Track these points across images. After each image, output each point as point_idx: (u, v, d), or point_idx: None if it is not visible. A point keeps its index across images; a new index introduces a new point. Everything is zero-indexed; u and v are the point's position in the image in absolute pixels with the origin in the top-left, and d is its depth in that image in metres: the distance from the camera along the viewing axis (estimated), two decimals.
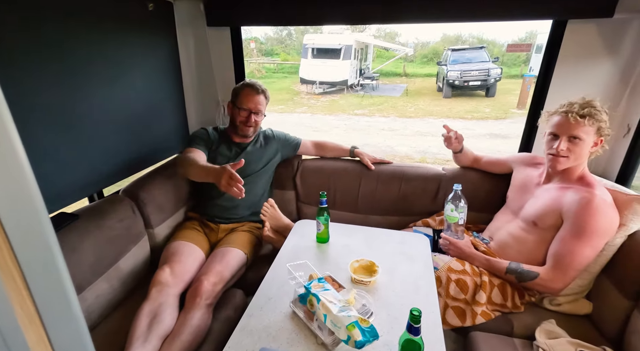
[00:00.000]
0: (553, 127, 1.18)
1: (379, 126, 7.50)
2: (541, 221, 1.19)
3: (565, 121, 1.14)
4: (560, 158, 1.16)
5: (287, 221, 1.54)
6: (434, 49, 20.20)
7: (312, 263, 1.17)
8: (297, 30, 23.22)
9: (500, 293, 1.21)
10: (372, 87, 12.19)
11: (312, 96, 11.40)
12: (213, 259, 1.34)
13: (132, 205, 1.35)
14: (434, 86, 12.67)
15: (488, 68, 10.20)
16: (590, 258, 1.09)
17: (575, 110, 1.12)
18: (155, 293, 1.15)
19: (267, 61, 18.81)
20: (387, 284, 1.09)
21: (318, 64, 11.57)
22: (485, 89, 10.46)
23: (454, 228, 1.36)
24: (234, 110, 1.54)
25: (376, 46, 15.70)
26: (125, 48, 1.34)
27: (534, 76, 10.13)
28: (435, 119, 8.09)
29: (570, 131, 1.14)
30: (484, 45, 12.07)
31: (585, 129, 1.12)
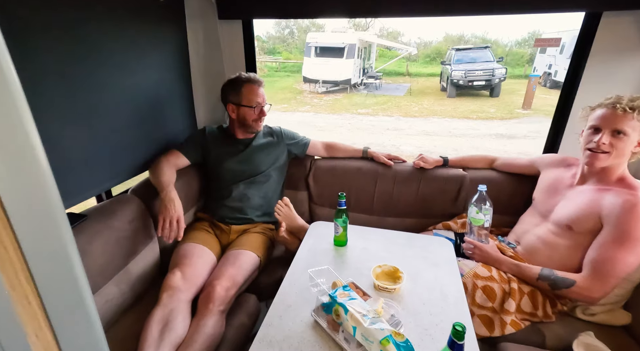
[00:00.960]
0: (596, 120, 1.10)
1: (383, 125, 7.43)
2: (577, 225, 1.11)
3: (611, 113, 1.06)
4: (600, 154, 1.08)
5: (301, 222, 1.48)
6: (437, 49, 20.12)
7: (332, 267, 1.10)
8: (299, 29, 23.17)
9: (530, 301, 1.14)
10: (376, 87, 12.11)
11: (315, 95, 11.33)
12: (225, 262, 1.27)
13: (142, 205, 1.28)
14: (438, 85, 12.60)
15: (493, 68, 10.13)
16: (634, 266, 1.02)
17: (624, 102, 1.05)
18: (166, 298, 1.08)
19: (270, 60, 18.76)
20: (412, 291, 1.02)
21: (321, 63, 11.50)
22: (489, 89, 10.39)
23: (478, 232, 1.29)
24: (242, 110, 1.46)
25: (379, 45, 15.63)
26: (135, 42, 1.27)
27: (539, 75, 10.09)
28: (440, 119, 8.02)
29: (615, 124, 1.05)
30: (488, 45, 11.99)
31: (632, 123, 1.04)
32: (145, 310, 1.06)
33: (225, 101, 1.49)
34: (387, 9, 1.41)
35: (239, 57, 1.67)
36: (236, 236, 1.47)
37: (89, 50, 1.09)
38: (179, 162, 1.46)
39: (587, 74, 1.35)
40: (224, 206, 1.50)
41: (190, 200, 1.53)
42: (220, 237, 1.47)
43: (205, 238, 1.40)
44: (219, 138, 1.55)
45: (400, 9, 1.40)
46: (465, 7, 1.32)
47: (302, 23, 23.20)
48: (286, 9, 1.50)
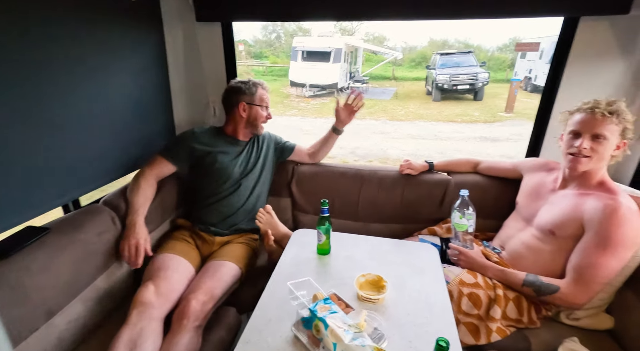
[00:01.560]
0: (576, 125, 1.10)
1: (370, 128, 7.46)
2: (560, 230, 1.11)
3: (590, 118, 1.07)
4: (582, 158, 1.08)
5: (284, 229, 1.43)
6: (422, 53, 20.46)
7: (314, 277, 1.06)
8: (286, 33, 23.20)
9: (515, 308, 1.13)
10: (362, 91, 12.18)
11: (302, 99, 11.31)
12: (204, 274, 1.21)
13: (113, 216, 1.21)
14: (423, 89, 12.78)
15: (476, 72, 10.35)
16: (616, 270, 1.02)
17: (602, 107, 1.05)
18: (136, 316, 1.01)
19: (256, 64, 18.67)
20: (397, 301, 0.99)
21: (308, 67, 11.50)
22: (473, 93, 10.60)
23: (463, 237, 1.27)
24: (254, 109, 1.46)
25: (365, 50, 15.75)
26: (106, 43, 1.21)
27: (520, 80, 10.36)
28: (426, 122, 8.12)
29: (595, 129, 1.06)
30: (471, 50, 12.26)
31: (611, 127, 1.05)
32: (115, 329, 0.99)
33: (236, 100, 1.45)
34: (368, 12, 1.40)
35: (219, 60, 1.62)
36: (218, 246, 1.41)
37: (52, 52, 1.02)
38: (164, 170, 1.39)
39: (566, 78, 1.36)
40: (214, 211, 1.43)
41: (167, 209, 1.46)
42: (201, 248, 1.40)
43: (184, 248, 1.33)
44: (215, 139, 1.47)
45: (382, 13, 1.39)
46: (447, 11, 1.32)
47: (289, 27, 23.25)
48: (266, 11, 1.47)
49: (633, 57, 1.27)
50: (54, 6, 1.02)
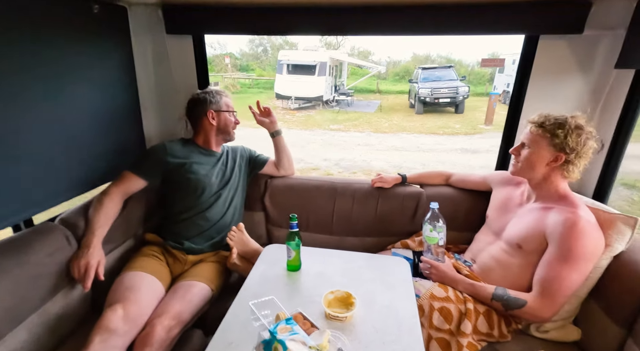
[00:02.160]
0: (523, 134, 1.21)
1: (354, 141, 7.53)
2: (526, 244, 1.12)
3: (525, 128, 1.19)
4: (512, 161, 1.21)
5: (255, 245, 1.40)
6: (405, 68, 21.01)
7: (282, 295, 1.03)
8: (272, 46, 23.47)
9: (486, 321, 1.12)
10: (347, 103, 12.35)
11: (287, 111, 11.36)
12: (173, 295, 1.15)
13: (68, 235, 1.14)
14: (406, 102, 13.06)
15: (457, 86, 10.68)
16: (579, 283, 1.03)
17: (536, 119, 1.14)
18: (99, 343, 0.93)
19: (242, 76, 18.73)
20: (365, 318, 0.97)
21: (293, 80, 11.61)
22: (454, 106, 10.90)
23: (434, 250, 1.27)
24: (222, 116, 1.46)
25: (350, 64, 16.07)
26: (69, 54, 1.18)
27: (499, 93, 10.74)
28: (409, 134, 8.26)
29: (522, 137, 1.18)
30: (452, 65, 12.69)
31: (533, 137, 1.14)
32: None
33: (203, 110, 1.43)
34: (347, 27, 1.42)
35: (191, 73, 1.60)
36: (190, 266, 1.35)
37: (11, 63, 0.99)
38: (133, 186, 1.32)
39: (530, 92, 1.41)
40: (192, 225, 1.37)
41: (132, 226, 1.40)
42: (172, 266, 1.34)
43: (155, 266, 1.26)
44: (188, 151, 1.42)
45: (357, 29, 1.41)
46: (422, 28, 1.37)
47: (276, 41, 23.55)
48: (238, 24, 1.47)
49: (590, 74, 1.32)
50: (11, 15, 0.98)
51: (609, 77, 1.28)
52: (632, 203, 4.14)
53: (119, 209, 1.28)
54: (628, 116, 1.25)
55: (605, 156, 1.33)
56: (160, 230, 1.42)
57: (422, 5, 1.30)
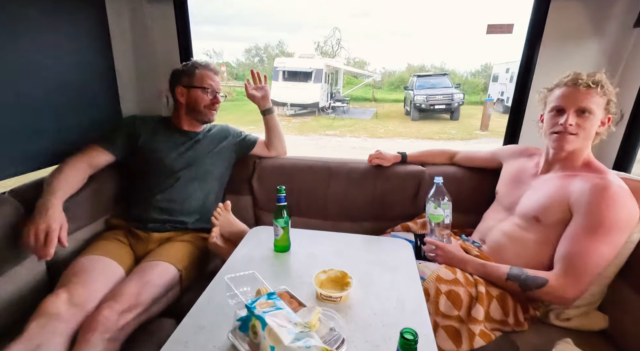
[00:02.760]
0: (558, 100, 1.00)
1: (349, 144, 7.45)
2: (545, 216, 0.99)
3: (573, 91, 0.98)
4: (569, 136, 0.98)
5: (242, 226, 1.26)
6: (400, 77, 21.27)
7: (268, 275, 0.89)
8: (269, 56, 23.67)
9: (500, 307, 0.98)
10: (343, 110, 12.34)
11: (283, 118, 11.31)
12: (130, 277, 1.01)
13: (20, 210, 0.99)
14: (402, 110, 13.10)
15: (452, 93, 10.75)
16: (609, 258, 0.89)
17: (585, 78, 0.97)
18: (34, 328, 0.79)
19: (239, 85, 18.78)
20: (363, 300, 0.83)
21: (289, 87, 11.62)
22: (449, 113, 10.94)
23: (439, 231, 1.13)
24: (192, 92, 1.29)
25: (346, 72, 16.18)
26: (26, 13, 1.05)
27: (493, 100, 10.81)
28: (405, 139, 8.21)
29: (580, 102, 0.96)
30: (446, 73, 12.80)
31: (596, 100, 0.96)
32: None
33: (174, 84, 1.30)
34: None
35: (172, 42, 1.48)
36: (156, 245, 1.21)
37: None
38: (99, 160, 1.21)
39: (541, 60, 1.30)
40: (153, 208, 1.24)
41: (100, 206, 1.26)
42: (135, 247, 1.20)
43: (114, 248, 1.12)
44: (157, 127, 1.32)
45: None
46: None
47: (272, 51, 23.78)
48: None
49: (606, 38, 1.22)
50: None
51: (629, 39, 1.18)
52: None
53: (81, 180, 1.14)
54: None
55: (626, 127, 1.21)
56: (126, 213, 1.29)
57: None
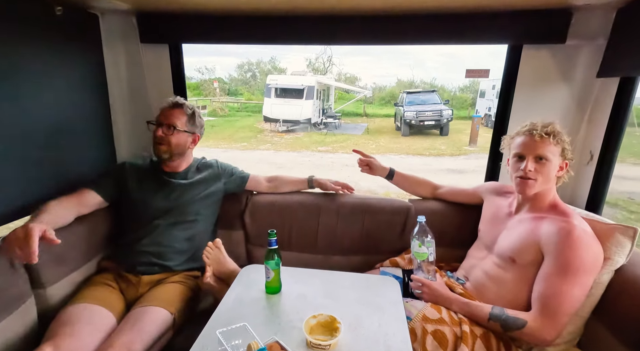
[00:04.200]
0: (518, 148, 1.09)
1: (342, 162, 7.53)
2: (519, 257, 1.05)
3: (530, 140, 1.07)
4: (529, 181, 1.06)
5: (233, 265, 1.28)
6: (391, 92, 21.70)
7: (258, 321, 0.92)
8: (261, 71, 23.98)
9: (484, 346, 1.02)
10: (335, 126, 12.51)
11: (275, 134, 11.41)
12: (123, 325, 1.02)
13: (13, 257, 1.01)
14: (393, 125, 13.33)
15: (440, 109, 11.03)
16: (581, 299, 0.95)
17: (539, 129, 1.06)
18: None
19: (231, 100, 18.94)
20: (352, 345, 0.86)
21: (281, 103, 11.77)
22: (439, 128, 11.19)
23: (425, 267, 1.18)
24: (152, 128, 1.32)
25: (337, 88, 16.47)
26: (30, 59, 1.10)
27: (481, 116, 11.12)
28: (396, 156, 8.34)
29: (537, 151, 1.05)
30: (435, 90, 13.16)
31: (551, 148, 1.05)
32: None
33: None
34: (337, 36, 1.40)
35: (166, 84, 1.53)
36: (147, 288, 1.22)
37: None
38: (89, 201, 1.23)
39: (516, 102, 1.39)
40: (139, 251, 1.25)
41: (92, 248, 1.28)
42: (125, 292, 1.21)
43: (103, 295, 1.13)
44: (144, 171, 1.35)
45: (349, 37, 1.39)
46: (409, 37, 1.36)
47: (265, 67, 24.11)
48: (221, 33, 1.43)
49: (574, 83, 1.32)
50: None
51: (594, 86, 1.27)
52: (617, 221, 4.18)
53: (67, 218, 1.15)
54: (616, 125, 1.24)
55: (595, 167, 1.29)
56: (115, 255, 1.30)
57: (408, 16, 1.30)
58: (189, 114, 1.32)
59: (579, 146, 1.35)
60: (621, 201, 4.80)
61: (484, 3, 1.16)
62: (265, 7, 1.28)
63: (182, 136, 1.30)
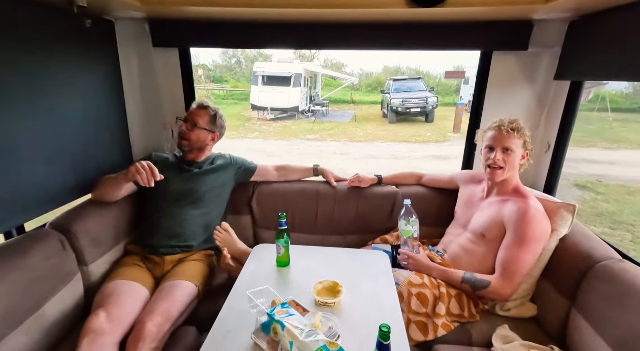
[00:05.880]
0: (489, 140, 1.31)
1: (331, 150, 7.70)
2: (488, 233, 1.28)
3: (498, 134, 1.28)
4: (497, 170, 1.28)
5: (243, 246, 1.46)
6: (377, 79, 21.73)
7: (274, 288, 1.11)
8: (246, 58, 23.48)
9: (457, 303, 1.26)
10: (323, 113, 12.60)
11: (263, 122, 11.42)
12: (158, 296, 1.20)
13: (62, 239, 1.17)
14: (380, 112, 13.50)
15: (426, 96, 11.21)
16: (532, 263, 1.19)
17: (506, 125, 1.28)
18: (87, 344, 0.97)
19: (216, 88, 18.56)
20: (351, 304, 1.07)
21: (269, 91, 11.71)
22: (424, 115, 11.41)
23: (410, 243, 1.40)
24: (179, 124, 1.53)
25: (324, 75, 16.43)
26: (57, 66, 1.22)
27: (465, 103, 11.41)
28: (383, 143, 8.56)
29: (504, 143, 1.27)
30: (420, 76, 13.33)
31: (515, 141, 1.27)
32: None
33: None
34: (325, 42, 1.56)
35: (177, 86, 1.67)
36: (171, 266, 1.40)
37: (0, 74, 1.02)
38: (127, 186, 1.40)
39: (487, 101, 1.60)
40: (161, 233, 1.43)
41: (120, 232, 1.44)
42: (153, 270, 1.38)
43: (136, 273, 1.30)
44: (167, 162, 1.52)
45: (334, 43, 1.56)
46: (389, 44, 1.53)
47: (250, 53, 23.60)
48: (224, 38, 1.56)
49: (535, 85, 1.54)
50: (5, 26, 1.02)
51: (551, 88, 1.50)
52: (584, 201, 4.55)
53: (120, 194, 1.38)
54: (567, 120, 1.47)
55: (552, 156, 1.53)
56: (139, 239, 1.48)
57: (388, 24, 1.46)
58: (211, 115, 1.51)
59: (538, 137, 1.58)
60: (590, 183, 5.19)
61: (457, 16, 1.35)
62: (261, 17, 1.44)
63: (202, 133, 1.49)
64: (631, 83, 13.22)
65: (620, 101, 12.74)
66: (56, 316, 1.11)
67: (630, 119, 10.81)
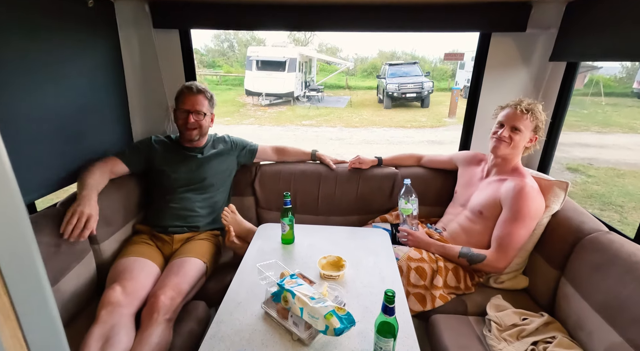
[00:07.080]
0: (502, 117, 1.34)
1: (327, 135, 7.71)
2: (486, 210, 1.34)
3: (512, 112, 1.31)
4: (502, 143, 1.32)
5: (249, 225, 1.51)
6: (373, 64, 21.49)
7: (280, 262, 1.16)
8: (239, 42, 22.99)
9: (454, 276, 1.32)
10: (318, 99, 12.51)
11: (259, 108, 11.32)
12: (169, 271, 1.25)
13: None
14: (375, 97, 13.44)
15: (422, 81, 11.16)
16: (526, 237, 1.26)
17: (523, 104, 1.30)
18: (105, 315, 1.03)
19: (209, 73, 18.24)
20: (355, 277, 1.13)
21: (263, 76, 11.55)
22: (420, 101, 11.40)
23: (410, 221, 1.46)
24: (176, 114, 1.50)
25: (319, 60, 16.21)
26: (57, 47, 1.21)
27: (460, 88, 11.42)
28: (379, 128, 8.58)
29: (514, 122, 1.30)
30: (416, 61, 13.22)
31: (526, 123, 1.30)
32: (81, 331, 0.99)
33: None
34: (323, 24, 1.56)
35: (178, 67, 1.67)
36: (180, 245, 1.45)
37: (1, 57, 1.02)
38: (117, 169, 1.42)
39: (485, 82, 1.63)
40: (168, 215, 1.46)
41: (129, 212, 1.47)
42: (162, 248, 1.43)
43: (146, 250, 1.35)
44: (168, 147, 1.53)
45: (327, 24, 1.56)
46: (387, 25, 1.53)
47: (243, 36, 23.09)
48: (224, 20, 1.56)
49: (532, 66, 1.57)
50: (8, 9, 1.01)
51: (547, 69, 1.53)
52: (576, 184, 4.67)
53: (106, 180, 1.35)
54: (562, 102, 1.51)
55: (546, 136, 1.58)
56: (148, 219, 1.52)
57: (387, 5, 1.46)
58: (209, 98, 1.51)
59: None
60: (582, 167, 5.31)
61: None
62: None
63: (207, 118, 1.51)
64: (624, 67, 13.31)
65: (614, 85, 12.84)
66: (71, 292, 1.15)
67: (621, 103, 10.93)
